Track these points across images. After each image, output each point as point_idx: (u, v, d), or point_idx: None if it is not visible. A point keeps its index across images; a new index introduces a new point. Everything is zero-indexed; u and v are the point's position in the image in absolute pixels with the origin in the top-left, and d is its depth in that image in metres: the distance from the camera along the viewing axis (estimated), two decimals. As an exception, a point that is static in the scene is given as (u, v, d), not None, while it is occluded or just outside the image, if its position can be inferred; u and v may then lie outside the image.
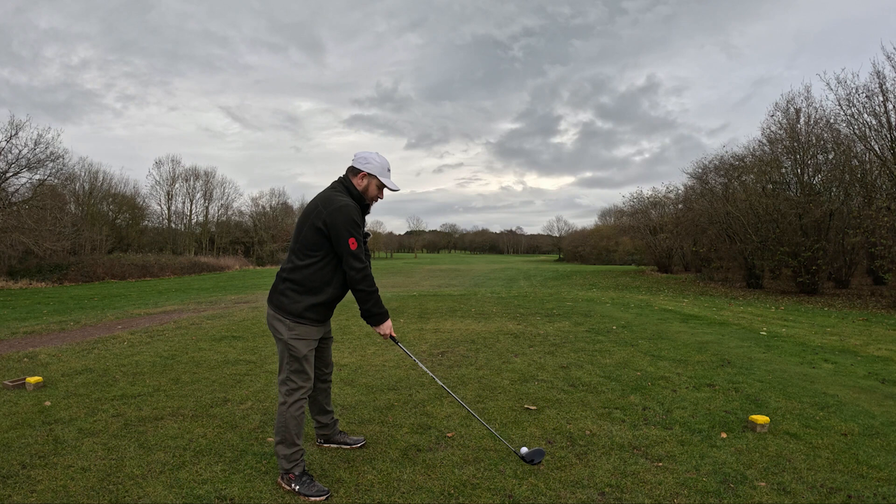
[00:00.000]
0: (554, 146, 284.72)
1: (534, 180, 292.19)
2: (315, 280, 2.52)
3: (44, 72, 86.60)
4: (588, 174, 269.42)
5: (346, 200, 2.51)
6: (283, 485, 2.48)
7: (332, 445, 3.00)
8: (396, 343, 2.79)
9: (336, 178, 2.67)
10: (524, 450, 2.76)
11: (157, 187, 44.10)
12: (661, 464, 2.78)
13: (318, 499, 2.37)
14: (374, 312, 2.60)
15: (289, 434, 2.48)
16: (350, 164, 2.66)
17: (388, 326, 2.65)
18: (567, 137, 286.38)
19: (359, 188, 2.61)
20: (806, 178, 17.85)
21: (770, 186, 19.06)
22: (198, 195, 46.07)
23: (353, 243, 2.46)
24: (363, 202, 2.63)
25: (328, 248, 2.50)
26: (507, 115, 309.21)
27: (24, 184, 24.26)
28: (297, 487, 2.42)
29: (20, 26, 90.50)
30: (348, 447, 2.98)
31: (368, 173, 2.60)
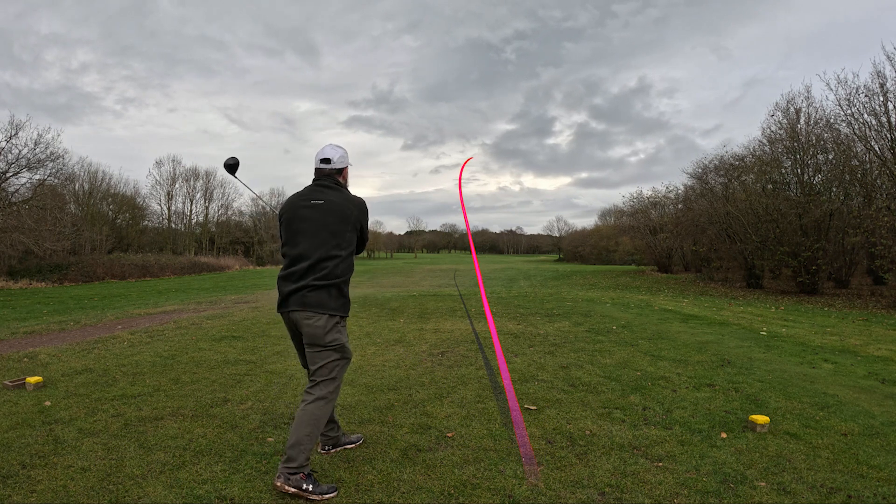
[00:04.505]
0: (549, 147, 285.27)
1: (531, 181, 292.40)
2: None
3: (44, 75, 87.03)
4: (584, 175, 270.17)
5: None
6: (287, 486, 2.42)
7: (337, 450, 2.97)
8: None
9: (329, 178, 2.79)
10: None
11: (158, 187, 44.04)
12: (661, 464, 2.78)
13: (331, 495, 2.40)
14: None
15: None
16: (334, 166, 2.80)
17: None
18: (562, 138, 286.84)
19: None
20: (806, 178, 17.85)
21: (770, 186, 19.05)
22: (198, 195, 46.05)
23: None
24: None
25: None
26: (502, 117, 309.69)
27: (24, 184, 24.26)
28: (310, 487, 2.39)
29: (21, 31, 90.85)
30: (352, 446, 2.97)
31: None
